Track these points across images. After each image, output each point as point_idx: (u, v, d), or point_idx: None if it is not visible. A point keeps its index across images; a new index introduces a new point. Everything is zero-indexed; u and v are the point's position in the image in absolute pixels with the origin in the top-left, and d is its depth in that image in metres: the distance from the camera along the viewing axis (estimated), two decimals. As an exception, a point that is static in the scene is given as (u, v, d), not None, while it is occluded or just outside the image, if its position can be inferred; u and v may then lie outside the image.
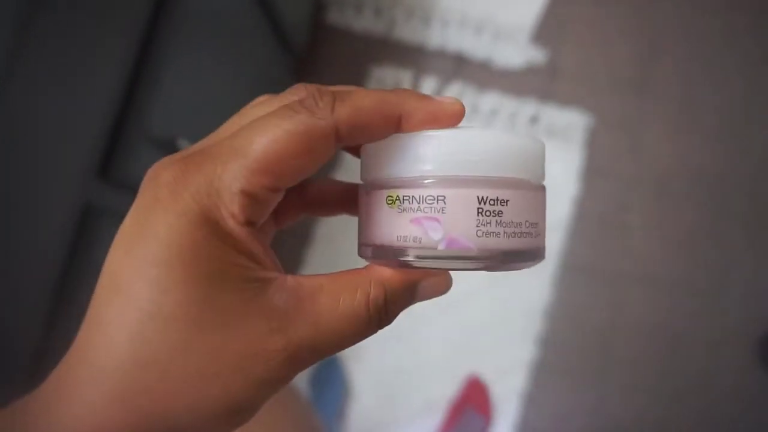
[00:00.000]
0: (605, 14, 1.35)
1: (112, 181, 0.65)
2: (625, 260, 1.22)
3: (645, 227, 1.23)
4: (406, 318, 1.11)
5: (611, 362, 1.18)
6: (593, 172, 1.27)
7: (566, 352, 1.19)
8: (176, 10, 0.70)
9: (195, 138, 0.78)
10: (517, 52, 1.33)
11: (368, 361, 1.20)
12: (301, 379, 1.20)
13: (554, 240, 1.23)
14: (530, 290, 1.21)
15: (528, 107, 1.30)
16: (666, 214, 1.24)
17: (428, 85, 1.33)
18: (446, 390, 1.18)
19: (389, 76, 1.35)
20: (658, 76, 1.30)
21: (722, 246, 1.21)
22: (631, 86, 1.30)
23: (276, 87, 1.11)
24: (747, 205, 1.22)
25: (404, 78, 1.34)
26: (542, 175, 0.25)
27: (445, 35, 1.36)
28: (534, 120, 1.30)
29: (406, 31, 1.37)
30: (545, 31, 1.35)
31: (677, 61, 1.31)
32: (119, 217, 0.67)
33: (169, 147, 0.73)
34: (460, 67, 1.35)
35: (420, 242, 0.23)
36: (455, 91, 1.33)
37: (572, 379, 1.18)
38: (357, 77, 1.36)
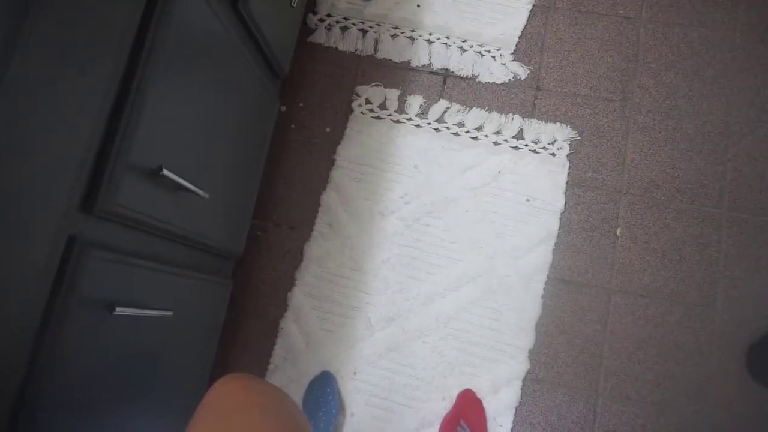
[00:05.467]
0: (584, 31, 1.37)
1: (97, 211, 0.67)
2: (612, 272, 1.24)
3: (631, 238, 1.25)
4: (399, 335, 1.13)
5: (602, 373, 1.19)
6: (578, 185, 1.28)
7: (558, 365, 1.20)
8: (159, 38, 0.71)
9: (180, 166, 0.80)
10: (501, 69, 1.36)
11: (362, 379, 1.21)
12: (296, 395, 1.20)
13: (542, 253, 1.25)
14: (521, 304, 1.22)
15: (513, 122, 1.32)
16: (651, 225, 1.25)
17: (415, 102, 1.35)
18: (440, 405, 1.19)
19: (376, 95, 1.37)
20: (639, 88, 1.32)
21: (708, 256, 1.23)
22: (613, 100, 1.32)
23: (261, 109, 1.12)
24: (731, 215, 1.24)
25: (391, 96, 1.36)
26: None
27: (431, 53, 1.39)
28: (519, 135, 1.32)
29: (392, 50, 1.40)
30: (528, 48, 1.37)
31: (656, 74, 1.33)
32: (103, 247, 0.68)
33: (153, 176, 0.74)
34: (446, 84, 1.37)
35: None
36: (441, 107, 1.35)
37: (564, 391, 1.19)
38: (343, 96, 1.38)
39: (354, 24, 1.42)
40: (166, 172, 0.74)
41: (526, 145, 1.31)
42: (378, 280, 1.26)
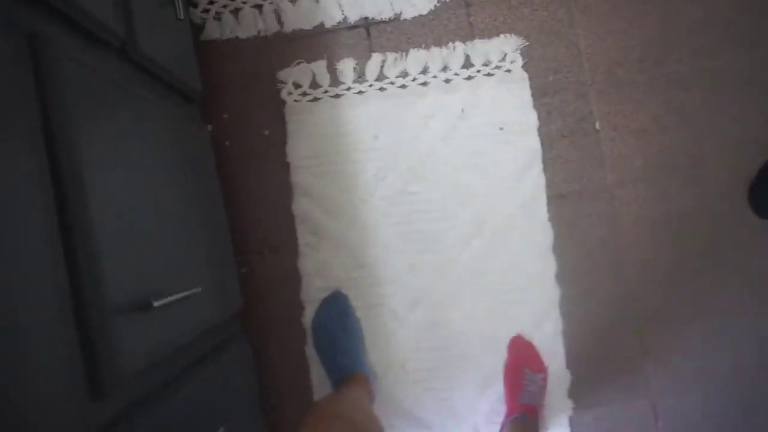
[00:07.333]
0: None
1: (109, 391, 0.54)
2: (604, 169, 1.20)
3: (611, 128, 1.21)
4: (430, 312, 1.08)
5: (626, 267, 1.20)
6: (544, 94, 1.21)
7: (586, 278, 1.19)
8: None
9: (162, 280, 0.65)
10: (422, -2, 1.21)
11: (412, 369, 1.16)
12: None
13: (534, 176, 1.19)
14: (531, 234, 1.18)
15: (457, 52, 1.21)
16: (625, 107, 1.20)
17: (347, 68, 1.20)
18: (496, 359, 1.17)
19: (303, 75, 1.21)
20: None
21: (686, 117, 1.20)
22: (549, -10, 1.22)
23: (187, 139, 0.94)
24: (695, 67, 1.21)
25: (318, 70, 1.20)
26: None
27: (342, 5, 1.22)
28: (467, 63, 1.21)
29: (299, 18, 1.22)
30: (442, -37, 1.22)
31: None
32: (138, 417, 0.51)
33: (144, 310, 0.61)
34: (371, 34, 1.22)
35: None
36: (377, 62, 1.21)
37: (599, 298, 1.19)
38: (267, 89, 1.21)
39: (244, 2, 1.22)
40: (156, 303, 0.61)
41: (479, 71, 1.21)
42: (386, 268, 1.18)
